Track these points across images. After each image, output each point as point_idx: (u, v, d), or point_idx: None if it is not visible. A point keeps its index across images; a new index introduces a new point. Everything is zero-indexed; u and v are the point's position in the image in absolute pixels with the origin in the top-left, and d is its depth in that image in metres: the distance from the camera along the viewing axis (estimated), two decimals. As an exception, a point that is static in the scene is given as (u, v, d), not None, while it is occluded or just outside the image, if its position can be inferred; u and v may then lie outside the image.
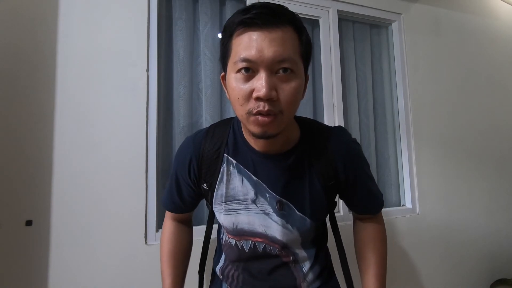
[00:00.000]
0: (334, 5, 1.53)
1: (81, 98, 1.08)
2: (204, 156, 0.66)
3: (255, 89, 0.50)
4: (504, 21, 2.05)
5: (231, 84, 0.53)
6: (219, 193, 0.66)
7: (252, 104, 0.51)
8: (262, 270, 0.69)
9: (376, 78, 1.68)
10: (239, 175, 0.64)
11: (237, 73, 0.52)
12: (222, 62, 0.59)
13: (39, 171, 1.01)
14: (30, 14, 1.05)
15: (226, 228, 0.70)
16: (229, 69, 0.54)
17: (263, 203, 0.63)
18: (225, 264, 0.76)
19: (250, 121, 0.52)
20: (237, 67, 0.51)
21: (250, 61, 0.50)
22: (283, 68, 0.51)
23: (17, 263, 0.97)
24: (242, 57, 0.50)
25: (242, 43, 0.51)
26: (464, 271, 1.67)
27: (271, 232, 0.64)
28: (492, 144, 1.86)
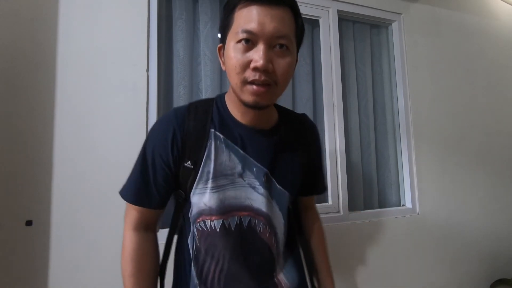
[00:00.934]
0: (334, 5, 1.53)
1: (81, 98, 1.08)
2: (189, 132, 0.62)
3: (253, 59, 0.53)
4: (504, 21, 2.05)
5: (230, 53, 0.55)
6: (206, 170, 0.62)
7: (249, 73, 0.54)
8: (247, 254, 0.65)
9: (376, 78, 1.68)
10: (226, 150, 0.63)
11: (237, 43, 0.54)
12: (221, 33, 0.61)
13: (39, 171, 1.01)
14: (30, 14, 1.05)
15: (211, 209, 0.62)
16: (229, 39, 0.57)
17: (249, 177, 0.64)
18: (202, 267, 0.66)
19: (244, 89, 0.56)
20: (237, 37, 0.54)
21: (251, 32, 0.53)
22: (280, 44, 0.55)
23: (17, 263, 0.97)
24: (244, 28, 0.53)
25: (245, 15, 0.54)
26: (464, 271, 1.67)
27: (257, 205, 0.64)
28: (492, 144, 1.86)
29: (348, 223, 1.43)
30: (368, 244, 1.45)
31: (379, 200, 1.60)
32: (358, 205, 1.53)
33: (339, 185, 1.44)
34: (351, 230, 1.42)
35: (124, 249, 0.66)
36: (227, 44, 0.57)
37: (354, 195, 1.52)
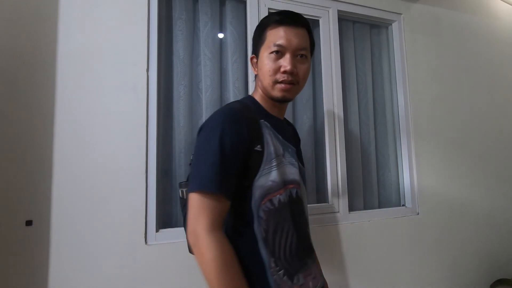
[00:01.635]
0: (334, 5, 1.53)
1: (81, 98, 1.08)
2: (250, 121, 0.72)
3: (282, 65, 0.74)
4: (504, 21, 2.05)
5: (264, 61, 0.75)
6: (268, 151, 0.73)
7: (279, 75, 0.74)
8: (301, 223, 0.77)
9: (376, 78, 1.68)
10: (273, 135, 0.76)
11: (270, 54, 0.75)
12: (254, 47, 0.82)
13: (39, 171, 1.01)
14: (30, 14, 1.05)
15: (278, 184, 0.72)
16: (262, 51, 0.77)
17: (289, 157, 0.78)
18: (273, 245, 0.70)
19: (275, 88, 0.75)
20: (270, 49, 0.74)
21: (281, 46, 0.74)
22: (300, 54, 0.75)
23: (17, 263, 0.97)
24: (276, 43, 0.74)
25: (275, 34, 0.75)
26: (464, 271, 1.67)
27: (298, 178, 0.78)
28: (492, 144, 1.86)
29: (348, 223, 1.43)
30: (368, 244, 1.45)
31: (379, 200, 1.60)
32: (358, 205, 1.53)
33: (339, 185, 1.45)
34: (351, 230, 1.42)
35: (208, 257, 0.59)
36: (261, 55, 0.77)
37: (354, 195, 1.52)
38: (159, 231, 1.15)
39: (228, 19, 1.37)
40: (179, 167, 1.25)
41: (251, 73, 1.34)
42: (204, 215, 0.62)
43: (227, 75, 1.36)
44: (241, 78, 1.35)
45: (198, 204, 0.62)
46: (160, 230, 1.16)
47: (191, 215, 0.62)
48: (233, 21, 1.37)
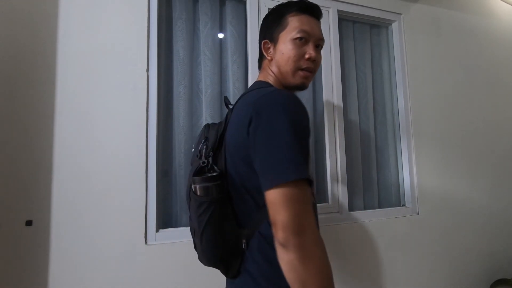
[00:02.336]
0: (334, 5, 1.53)
1: (81, 98, 1.08)
2: None
3: (307, 52, 0.72)
4: (504, 21, 2.05)
5: (287, 46, 0.72)
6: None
7: (302, 62, 0.72)
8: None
9: (376, 78, 1.68)
10: None
11: (294, 39, 0.72)
12: (267, 33, 0.77)
13: (39, 171, 1.01)
14: (30, 14, 1.05)
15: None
16: (283, 36, 0.73)
17: None
18: None
19: (297, 74, 0.73)
20: (295, 36, 0.72)
21: (307, 32, 0.72)
22: (318, 44, 0.76)
23: (17, 263, 0.97)
24: (302, 29, 0.72)
25: (299, 20, 0.73)
26: (464, 271, 1.67)
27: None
28: (492, 144, 1.86)
29: (348, 223, 1.43)
30: (368, 244, 1.45)
31: (379, 200, 1.60)
32: (358, 205, 1.53)
33: (339, 185, 1.45)
34: (351, 230, 1.42)
35: (323, 262, 0.54)
36: (282, 40, 0.73)
37: (354, 195, 1.52)
38: (159, 231, 1.15)
39: (228, 19, 1.37)
40: (179, 167, 1.25)
41: (251, 73, 1.34)
42: (309, 208, 0.53)
43: (227, 75, 1.36)
44: (241, 78, 1.35)
45: (299, 197, 0.52)
46: (160, 230, 1.16)
47: (285, 216, 0.51)
48: (233, 21, 1.37)
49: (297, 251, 0.50)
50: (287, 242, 0.50)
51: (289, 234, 0.50)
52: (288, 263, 0.51)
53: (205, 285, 1.16)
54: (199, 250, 0.69)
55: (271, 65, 0.76)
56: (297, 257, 0.50)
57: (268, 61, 0.77)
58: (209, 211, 0.63)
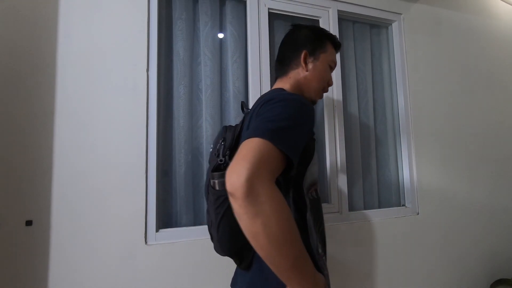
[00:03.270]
0: (334, 5, 1.53)
1: (81, 98, 1.08)
2: None
3: (331, 80, 0.88)
4: (504, 21, 2.05)
5: (326, 69, 0.85)
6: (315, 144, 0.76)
7: (326, 85, 0.87)
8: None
9: (376, 78, 1.68)
10: None
11: (330, 66, 0.86)
12: (310, 47, 0.83)
13: (39, 171, 1.01)
14: (30, 14, 1.05)
15: (316, 178, 0.77)
16: (323, 59, 0.84)
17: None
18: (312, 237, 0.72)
19: (319, 94, 0.86)
20: (330, 64, 0.86)
21: (335, 64, 0.89)
22: None
23: (17, 263, 0.97)
24: (335, 62, 0.88)
25: (334, 55, 0.88)
26: (464, 271, 1.67)
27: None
28: (492, 144, 1.86)
29: (348, 223, 1.43)
30: (368, 244, 1.45)
31: (379, 200, 1.60)
32: (358, 205, 1.53)
33: (339, 185, 1.44)
34: (351, 230, 1.42)
35: (273, 207, 0.48)
36: (321, 61, 0.83)
37: (354, 195, 1.52)
38: (159, 231, 1.15)
39: (228, 19, 1.37)
40: (179, 167, 1.25)
41: (251, 73, 1.34)
42: (269, 166, 0.51)
43: (227, 75, 1.36)
44: (241, 78, 1.35)
45: (264, 152, 0.51)
46: (160, 230, 1.16)
47: (250, 156, 0.49)
48: (233, 21, 1.37)
49: (248, 198, 0.47)
50: (234, 191, 0.47)
51: (245, 178, 0.47)
52: (237, 214, 0.50)
53: (205, 285, 1.16)
54: (215, 241, 0.74)
55: (301, 76, 0.82)
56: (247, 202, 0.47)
57: (300, 71, 0.83)
58: (226, 204, 0.67)
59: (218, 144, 0.73)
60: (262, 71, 1.35)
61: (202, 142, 1.29)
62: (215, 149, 0.74)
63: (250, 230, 0.48)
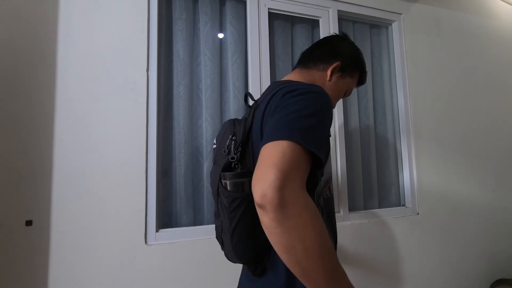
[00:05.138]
0: (334, 5, 1.53)
1: (81, 98, 1.08)
2: None
3: (335, 103, 0.85)
4: (504, 21, 2.05)
5: (347, 87, 0.84)
6: None
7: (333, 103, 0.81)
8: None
9: (376, 78, 1.68)
10: None
11: (349, 88, 0.85)
12: (346, 64, 0.80)
13: (39, 171, 1.01)
14: (30, 14, 1.05)
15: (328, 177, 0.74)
16: (348, 79, 0.83)
17: None
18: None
19: (334, 104, 0.84)
20: (347, 89, 0.85)
21: (349, 94, 0.88)
22: None
23: (17, 263, 0.97)
24: (351, 91, 0.87)
25: (354, 85, 0.87)
26: (464, 271, 1.67)
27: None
28: (492, 144, 1.86)
29: (348, 223, 1.43)
30: (368, 244, 1.45)
31: (379, 200, 1.60)
32: (358, 205, 1.53)
33: (339, 185, 1.44)
34: (351, 230, 1.42)
35: (314, 214, 0.46)
36: (344, 81, 0.82)
37: (354, 195, 1.52)
38: (159, 231, 1.15)
39: (228, 19, 1.37)
40: (179, 167, 1.25)
41: (251, 73, 1.34)
42: (301, 172, 0.47)
43: (227, 75, 1.36)
44: (241, 78, 1.35)
45: (295, 156, 0.47)
46: (160, 230, 1.16)
47: (280, 163, 0.45)
48: (233, 21, 1.37)
49: (273, 213, 0.44)
50: (264, 203, 0.44)
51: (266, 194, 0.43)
52: (265, 226, 0.46)
53: (205, 285, 1.16)
54: (228, 247, 0.65)
55: (320, 81, 0.79)
56: (275, 220, 0.44)
57: (322, 76, 0.79)
58: (241, 208, 0.60)
59: (228, 140, 0.64)
60: (262, 71, 1.35)
61: (202, 142, 1.29)
62: (224, 145, 0.65)
63: (284, 245, 0.44)
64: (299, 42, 1.50)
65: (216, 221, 0.71)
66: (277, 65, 1.44)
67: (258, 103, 0.67)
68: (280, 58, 1.45)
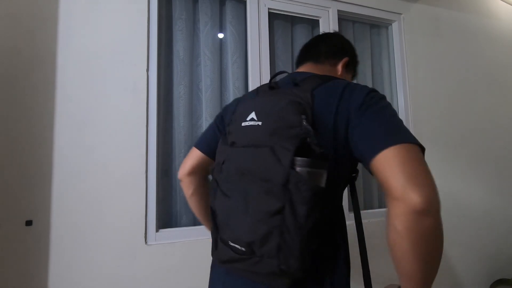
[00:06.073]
0: (334, 5, 1.53)
1: (81, 98, 1.08)
2: None
3: None
4: (504, 21, 2.05)
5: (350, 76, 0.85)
6: None
7: None
8: None
9: (376, 78, 1.68)
10: None
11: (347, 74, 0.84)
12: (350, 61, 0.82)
13: (39, 171, 1.01)
14: (30, 14, 1.05)
15: None
16: (350, 74, 0.84)
17: None
18: None
19: None
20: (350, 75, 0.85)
21: None
22: None
23: (17, 263, 0.97)
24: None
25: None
26: (464, 271, 1.67)
27: None
28: (492, 144, 1.86)
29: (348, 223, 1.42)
30: (368, 244, 1.44)
31: (379, 200, 1.60)
32: (358, 205, 1.53)
33: (339, 185, 1.45)
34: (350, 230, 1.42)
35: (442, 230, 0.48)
36: (350, 73, 0.84)
37: (354, 195, 1.52)
38: (159, 231, 1.15)
39: (228, 19, 1.37)
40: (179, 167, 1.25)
41: (251, 73, 1.34)
42: (430, 173, 0.48)
43: (227, 75, 1.36)
44: (241, 78, 1.35)
45: (422, 159, 0.51)
46: (160, 230, 1.16)
47: (427, 168, 0.48)
48: (233, 21, 1.37)
49: (437, 216, 0.43)
50: (428, 205, 0.42)
51: (430, 194, 0.43)
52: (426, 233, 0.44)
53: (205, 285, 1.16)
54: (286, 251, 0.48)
55: (334, 75, 0.78)
56: (437, 223, 0.44)
57: (332, 70, 0.79)
58: (319, 205, 0.49)
59: (304, 121, 0.51)
60: (262, 71, 1.35)
61: (202, 142, 1.29)
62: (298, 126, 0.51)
63: (438, 249, 0.46)
64: (299, 42, 1.50)
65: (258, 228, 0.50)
66: (277, 65, 1.44)
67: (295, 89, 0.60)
68: (280, 58, 1.45)
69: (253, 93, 0.73)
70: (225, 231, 0.55)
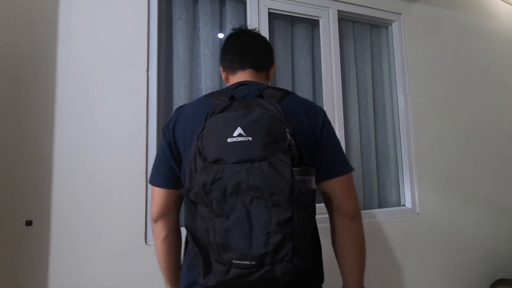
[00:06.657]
0: (334, 5, 1.53)
1: (81, 98, 1.08)
2: None
3: None
4: (504, 21, 2.05)
5: None
6: None
7: None
8: None
9: (376, 78, 1.68)
10: None
11: None
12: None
13: (39, 171, 1.01)
14: (30, 14, 1.05)
15: None
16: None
17: None
18: None
19: None
20: None
21: None
22: None
23: (17, 263, 0.97)
24: None
25: None
26: (464, 271, 1.67)
27: None
28: (492, 144, 1.86)
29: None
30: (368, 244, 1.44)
31: (379, 200, 1.60)
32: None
33: (339, 185, 1.44)
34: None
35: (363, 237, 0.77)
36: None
37: (354, 195, 1.52)
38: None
39: (228, 19, 1.37)
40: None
41: (251, 73, 1.34)
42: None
43: (227, 75, 1.36)
44: (241, 78, 1.35)
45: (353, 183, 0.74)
46: (160, 230, 1.15)
47: (354, 195, 0.72)
48: (233, 21, 1.37)
49: (361, 223, 0.70)
50: (357, 215, 0.69)
51: (358, 209, 0.69)
52: (355, 233, 0.71)
53: (205, 285, 1.16)
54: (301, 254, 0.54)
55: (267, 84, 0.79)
56: (361, 228, 0.71)
57: (267, 80, 0.80)
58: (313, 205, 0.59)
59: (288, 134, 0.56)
60: (262, 71, 1.35)
61: (202, 142, 1.29)
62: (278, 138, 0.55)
63: (363, 243, 0.73)
64: (299, 42, 1.50)
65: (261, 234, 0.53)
66: (277, 65, 1.44)
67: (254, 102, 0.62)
68: (280, 58, 1.45)
69: (206, 104, 0.65)
70: (225, 252, 0.53)
